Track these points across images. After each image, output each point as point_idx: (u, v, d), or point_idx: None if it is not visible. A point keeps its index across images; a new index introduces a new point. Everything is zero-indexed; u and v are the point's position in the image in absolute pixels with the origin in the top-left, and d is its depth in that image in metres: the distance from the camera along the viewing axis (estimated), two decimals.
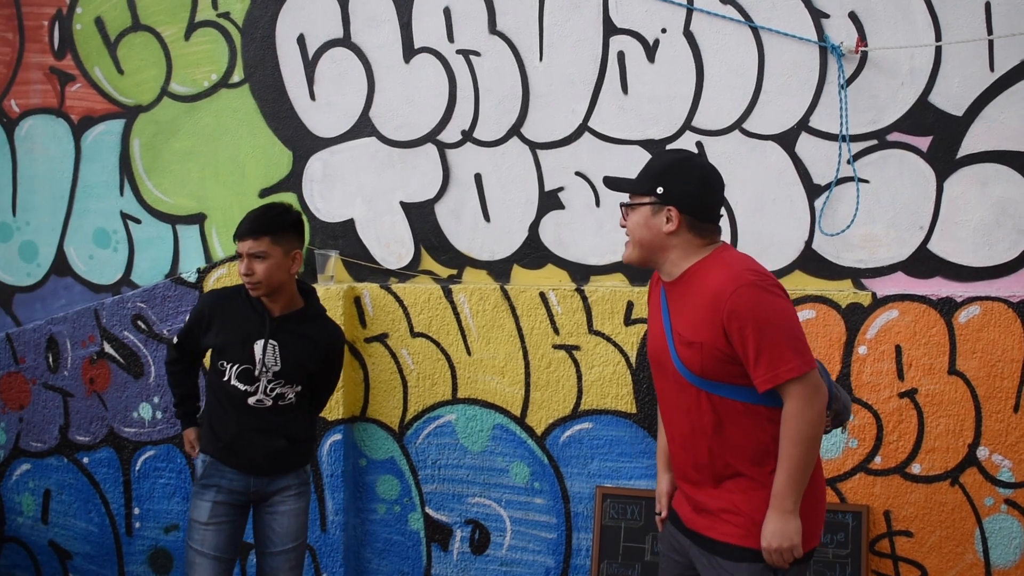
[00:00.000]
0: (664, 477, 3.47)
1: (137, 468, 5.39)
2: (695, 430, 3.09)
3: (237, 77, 5.26)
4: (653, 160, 3.20)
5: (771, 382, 2.91)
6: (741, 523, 3.04)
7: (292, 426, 4.09)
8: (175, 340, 4.25)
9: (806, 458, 2.93)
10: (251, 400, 4.00)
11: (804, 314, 4.45)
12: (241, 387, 4.00)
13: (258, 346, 3.98)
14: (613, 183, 3.24)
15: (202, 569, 4.03)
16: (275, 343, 3.99)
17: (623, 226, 3.20)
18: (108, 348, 5.39)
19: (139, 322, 5.33)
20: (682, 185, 3.06)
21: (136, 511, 5.42)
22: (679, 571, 3.28)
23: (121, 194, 5.47)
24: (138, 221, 5.46)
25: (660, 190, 3.06)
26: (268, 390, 4.02)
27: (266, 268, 3.90)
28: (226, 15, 5.24)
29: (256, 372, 3.98)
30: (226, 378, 4.01)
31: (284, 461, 4.10)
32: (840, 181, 4.49)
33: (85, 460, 5.48)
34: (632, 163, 4.70)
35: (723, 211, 3.15)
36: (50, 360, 5.51)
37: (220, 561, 4.04)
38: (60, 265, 5.61)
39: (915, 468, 4.38)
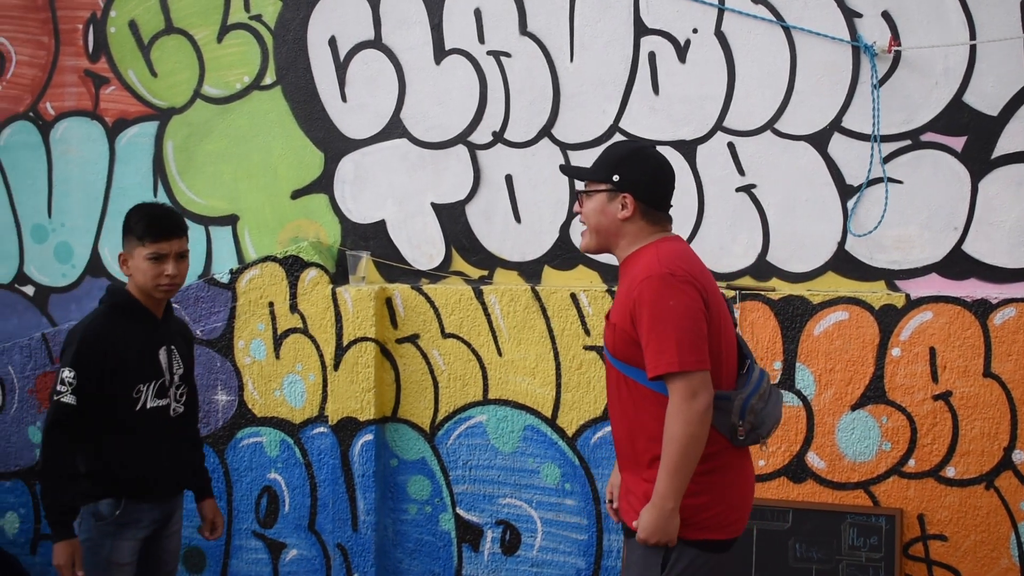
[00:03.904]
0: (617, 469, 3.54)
1: None
2: (618, 411, 3.24)
3: (269, 79, 5.29)
4: (609, 149, 3.33)
5: (653, 371, 3.01)
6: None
7: (190, 435, 4.01)
8: (70, 406, 3.59)
9: (683, 458, 2.99)
10: (171, 412, 3.82)
11: (836, 316, 4.42)
12: (160, 403, 3.78)
13: (161, 354, 3.80)
14: (570, 171, 3.39)
15: None
16: (172, 347, 3.84)
17: (578, 213, 3.33)
18: None
19: None
20: (637, 173, 3.20)
21: None
22: None
23: (155, 195, 5.51)
24: None
25: (616, 178, 3.20)
26: (179, 396, 3.86)
27: (186, 267, 3.76)
28: (258, 17, 5.27)
29: (167, 381, 3.81)
30: (140, 404, 3.73)
31: (186, 477, 3.96)
32: (872, 182, 4.46)
33: None
34: None
35: (673, 201, 3.30)
36: None
37: None
38: (94, 266, 5.66)
39: (949, 471, 4.35)
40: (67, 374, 3.60)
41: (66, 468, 3.59)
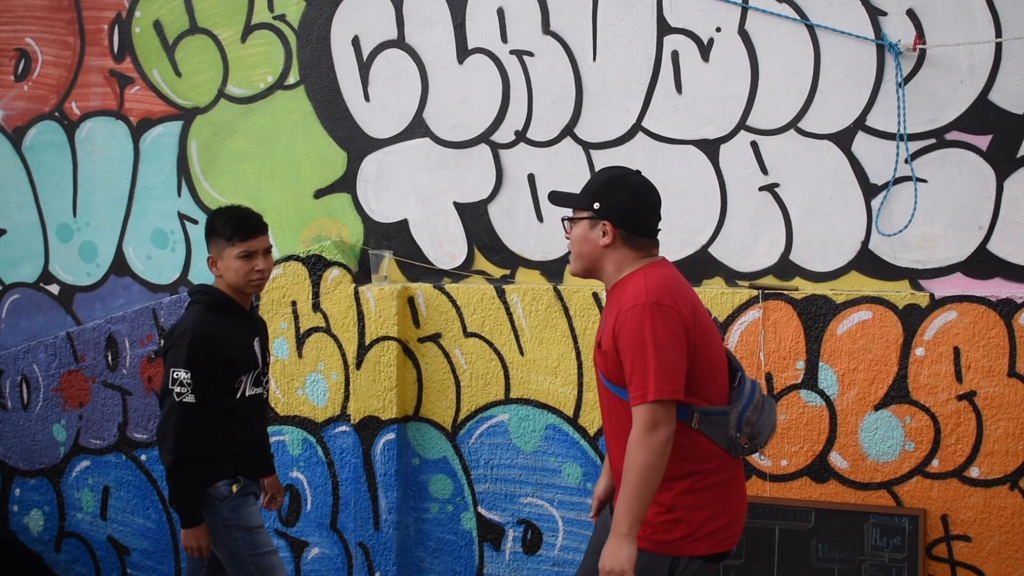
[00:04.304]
0: (603, 481, 3.66)
1: None
2: (614, 428, 3.31)
3: (293, 79, 5.31)
4: (593, 177, 3.45)
5: (633, 400, 3.08)
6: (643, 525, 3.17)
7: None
8: (193, 405, 3.87)
9: (641, 486, 3.04)
10: (264, 396, 4.22)
11: (860, 315, 4.40)
12: (256, 391, 4.14)
13: (256, 346, 4.14)
14: (557, 198, 3.45)
15: (280, 568, 4.12)
16: (259, 337, 4.17)
17: (567, 239, 3.39)
18: None
19: None
20: (617, 200, 3.26)
21: None
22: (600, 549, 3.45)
23: (179, 195, 5.55)
24: (195, 221, 5.53)
25: (596, 205, 3.27)
26: (265, 383, 4.22)
27: (271, 261, 4.10)
28: (282, 17, 5.29)
29: (261, 371, 4.16)
30: (240, 393, 4.06)
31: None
32: (897, 181, 4.44)
33: (143, 457, 5.56)
34: (686, 163, 4.69)
35: (660, 226, 3.37)
36: (109, 359, 5.59)
37: None
38: (119, 265, 5.70)
39: (973, 472, 4.32)
40: (183, 375, 3.87)
41: (194, 461, 3.89)
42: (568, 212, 3.39)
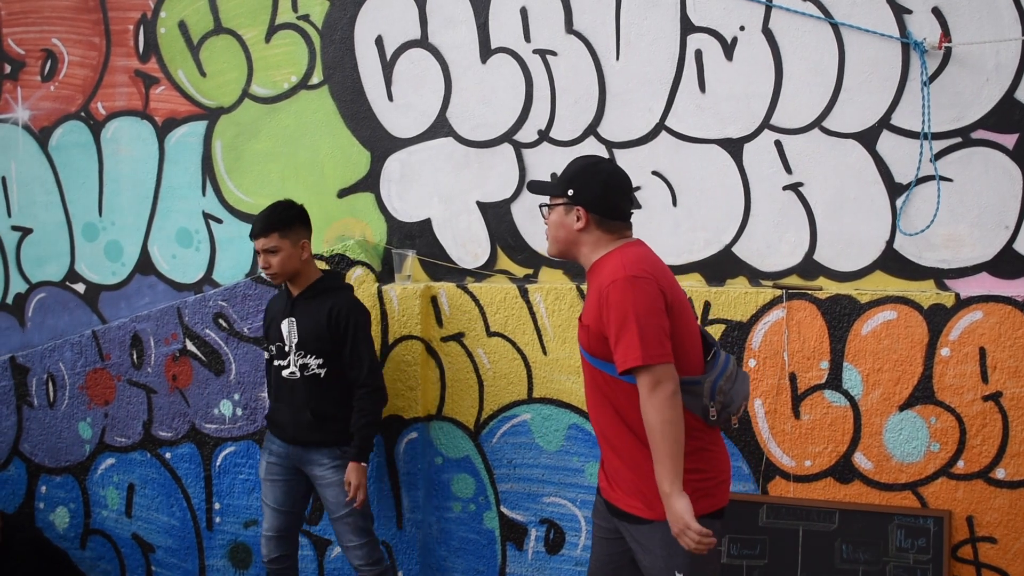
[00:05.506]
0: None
1: (218, 464, 5.48)
2: (599, 403, 3.54)
3: (316, 79, 5.32)
4: (567, 166, 3.63)
5: (621, 366, 3.27)
6: (640, 497, 3.44)
7: (319, 402, 4.61)
8: (265, 355, 4.91)
9: (666, 442, 3.23)
10: (285, 373, 4.65)
11: (884, 315, 4.38)
12: (277, 362, 4.68)
13: (284, 324, 4.64)
14: (534, 187, 3.70)
15: (266, 517, 4.80)
16: (293, 318, 4.63)
17: (545, 224, 3.63)
18: (190, 346, 5.49)
19: (220, 320, 5.41)
20: (589, 187, 3.49)
21: (216, 506, 5.51)
22: (602, 534, 3.71)
23: (203, 194, 5.57)
24: (220, 221, 5.55)
25: (570, 192, 3.50)
26: (295, 362, 4.62)
27: (279, 260, 4.54)
28: (306, 17, 5.31)
29: (286, 347, 4.63)
30: (268, 358, 4.78)
31: (311, 435, 4.63)
32: (921, 180, 4.41)
33: (168, 455, 5.59)
34: (710, 162, 4.67)
35: (632, 209, 3.58)
36: (134, 357, 5.63)
37: (278, 512, 4.76)
38: (144, 264, 5.73)
39: (999, 473, 4.29)
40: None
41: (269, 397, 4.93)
42: (546, 199, 3.62)
